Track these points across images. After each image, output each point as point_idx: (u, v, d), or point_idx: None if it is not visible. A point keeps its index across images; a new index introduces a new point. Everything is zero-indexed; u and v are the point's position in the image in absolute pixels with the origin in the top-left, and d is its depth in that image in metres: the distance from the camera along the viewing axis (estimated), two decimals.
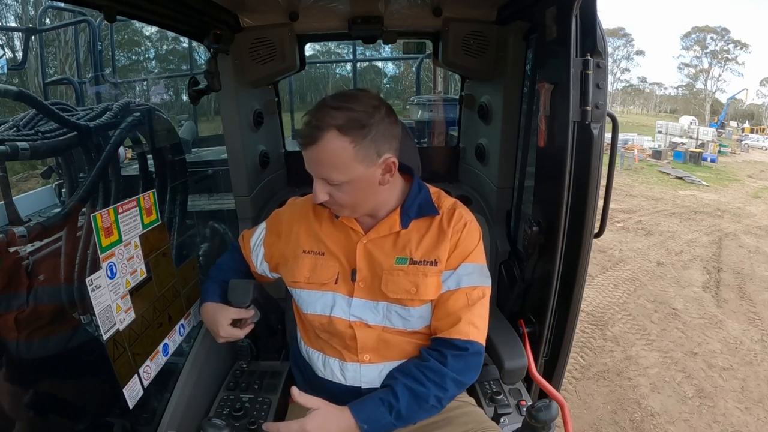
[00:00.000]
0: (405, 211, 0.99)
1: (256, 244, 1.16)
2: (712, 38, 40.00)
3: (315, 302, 1.01)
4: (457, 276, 0.96)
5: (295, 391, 0.86)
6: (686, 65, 42.02)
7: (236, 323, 1.08)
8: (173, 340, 1.16)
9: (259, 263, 1.16)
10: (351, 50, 5.60)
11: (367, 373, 1.00)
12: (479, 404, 1.18)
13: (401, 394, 0.88)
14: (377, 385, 0.99)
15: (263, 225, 1.17)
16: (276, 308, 1.41)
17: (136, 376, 0.99)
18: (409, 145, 1.19)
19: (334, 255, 1.02)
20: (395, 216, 0.99)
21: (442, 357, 0.92)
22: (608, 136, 1.11)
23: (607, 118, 1.06)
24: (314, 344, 1.07)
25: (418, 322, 0.99)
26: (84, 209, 1.64)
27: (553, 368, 1.28)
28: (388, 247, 0.99)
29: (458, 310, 0.94)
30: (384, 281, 0.97)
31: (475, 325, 0.94)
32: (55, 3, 4.96)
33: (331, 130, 0.84)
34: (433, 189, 1.06)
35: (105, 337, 0.91)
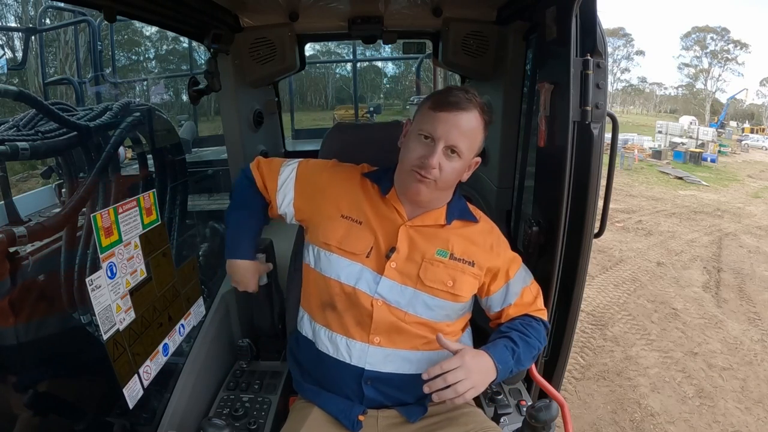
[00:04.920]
0: (450, 209, 1.05)
1: (284, 186, 1.11)
2: (712, 38, 39.93)
3: (340, 269, 1.01)
4: (521, 277, 1.08)
5: (440, 335, 0.95)
6: (686, 65, 41.94)
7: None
8: (173, 340, 1.16)
9: (284, 205, 1.11)
10: (351, 50, 5.60)
11: (374, 354, 1.00)
12: (479, 404, 1.19)
13: (518, 341, 1.00)
14: (381, 369, 1.00)
15: (293, 167, 1.12)
16: (277, 306, 1.41)
17: (136, 376, 0.99)
18: None
19: (371, 228, 1.02)
20: (442, 211, 1.04)
21: (536, 321, 1.07)
22: (608, 136, 1.11)
23: (607, 118, 1.06)
24: (321, 319, 1.05)
25: (441, 315, 1.01)
26: (84, 209, 1.64)
27: (553, 368, 1.28)
28: (431, 237, 1.02)
29: (533, 301, 1.09)
30: (423, 269, 1.00)
31: (544, 308, 1.11)
32: (55, 3, 4.95)
33: (477, 107, 0.95)
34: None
35: (105, 337, 0.90)
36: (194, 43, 5.13)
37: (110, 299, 0.92)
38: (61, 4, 4.59)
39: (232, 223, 1.17)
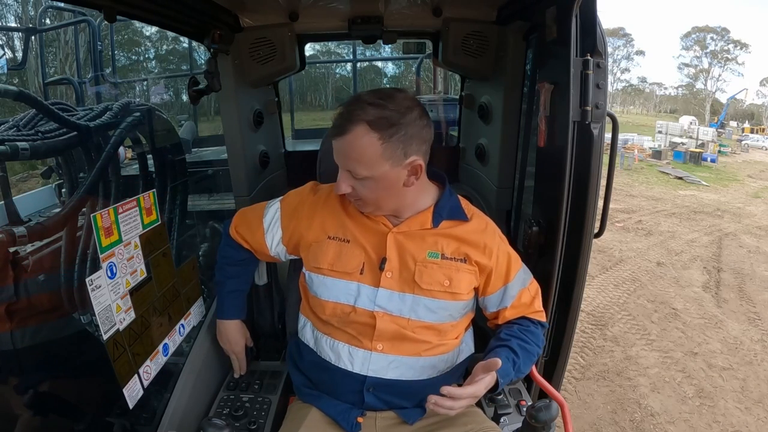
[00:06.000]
0: (438, 211, 1.02)
1: (270, 227, 1.12)
2: (712, 38, 39.92)
3: (338, 291, 1.01)
4: (520, 279, 1.07)
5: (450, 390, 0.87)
6: (686, 65, 41.95)
7: None
8: (173, 340, 1.16)
9: (274, 246, 1.12)
10: (351, 50, 5.60)
11: (376, 361, 1.00)
12: (479, 404, 1.18)
13: (519, 351, 0.99)
14: (383, 375, 0.99)
15: (276, 206, 1.13)
16: (277, 306, 1.41)
17: (136, 376, 0.99)
18: None
19: (360, 244, 1.02)
20: (428, 214, 1.02)
21: (534, 325, 1.07)
22: (608, 136, 1.11)
23: (607, 118, 1.06)
24: (323, 329, 1.06)
25: (445, 316, 1.01)
26: (84, 209, 1.65)
27: (553, 368, 1.28)
28: (419, 241, 1.01)
29: (531, 302, 1.07)
30: (418, 272, 0.99)
31: (542, 309, 1.10)
32: (55, 3, 4.96)
33: (361, 124, 0.87)
34: (461, 197, 1.09)
35: (105, 337, 0.90)
36: (194, 43, 5.14)
37: (110, 299, 0.92)
38: (61, 4, 4.59)
39: (216, 284, 1.23)
